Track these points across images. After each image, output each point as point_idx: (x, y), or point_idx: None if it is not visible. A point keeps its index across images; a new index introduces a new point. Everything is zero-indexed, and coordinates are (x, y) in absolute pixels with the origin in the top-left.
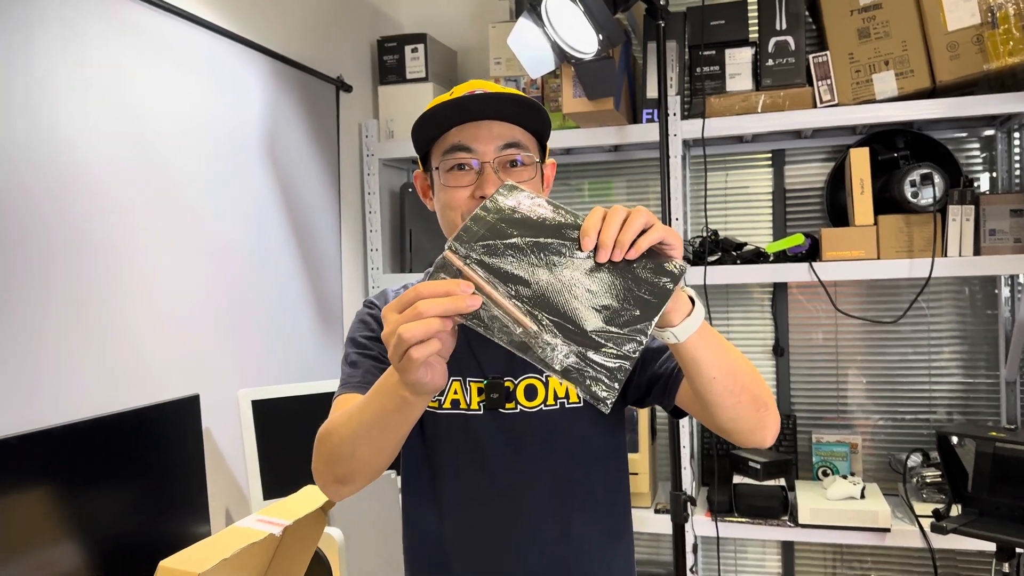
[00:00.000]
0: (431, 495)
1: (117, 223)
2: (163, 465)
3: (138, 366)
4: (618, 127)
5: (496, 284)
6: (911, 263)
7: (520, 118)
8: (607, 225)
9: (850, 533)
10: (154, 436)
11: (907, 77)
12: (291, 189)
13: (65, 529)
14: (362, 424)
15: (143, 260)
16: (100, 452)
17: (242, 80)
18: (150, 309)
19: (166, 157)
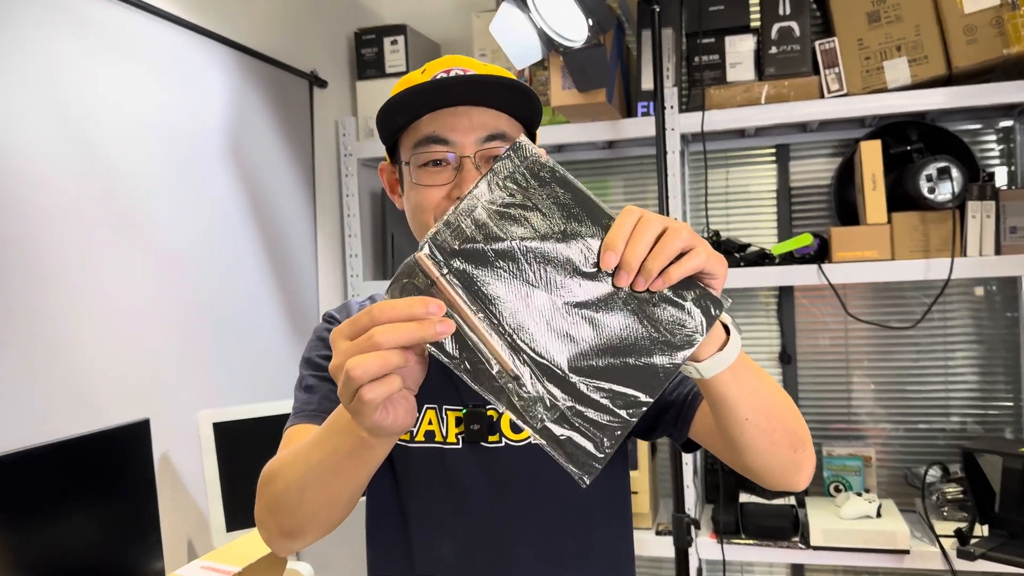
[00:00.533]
0: (400, 544)
1: (57, 231)
2: (110, 498)
3: (83, 390)
4: (612, 122)
5: (477, 306)
6: (928, 264)
7: (506, 104)
8: (636, 239)
9: (866, 556)
10: (100, 466)
11: (921, 64)
12: (260, 192)
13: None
14: (311, 468)
15: (88, 272)
16: (39, 485)
17: (204, 75)
18: (97, 326)
19: (115, 159)
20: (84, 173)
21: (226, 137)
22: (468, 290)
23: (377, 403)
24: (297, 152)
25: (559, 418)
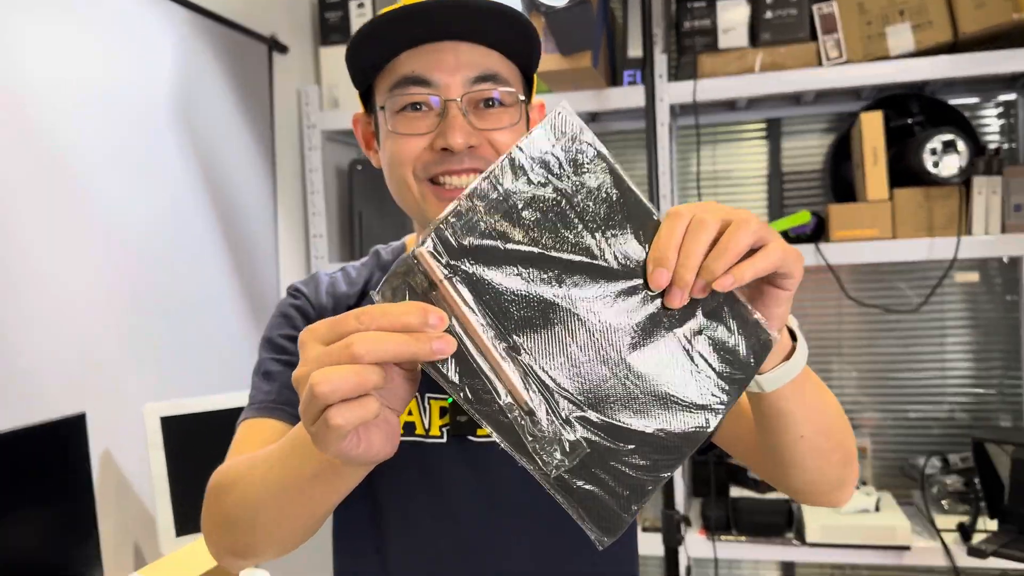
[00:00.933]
0: (372, 553)
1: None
2: (44, 498)
3: (17, 380)
4: (596, 91)
5: (488, 321)
6: (931, 243)
7: (501, 40)
8: (690, 246)
9: (864, 552)
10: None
11: (925, 29)
12: (214, 166)
13: None
14: (268, 486)
15: (22, 251)
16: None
17: (152, 37)
18: (33, 311)
19: (52, 128)
20: (17, 144)
21: (177, 106)
22: (478, 299)
23: (346, 430)
24: (255, 123)
25: (578, 466)
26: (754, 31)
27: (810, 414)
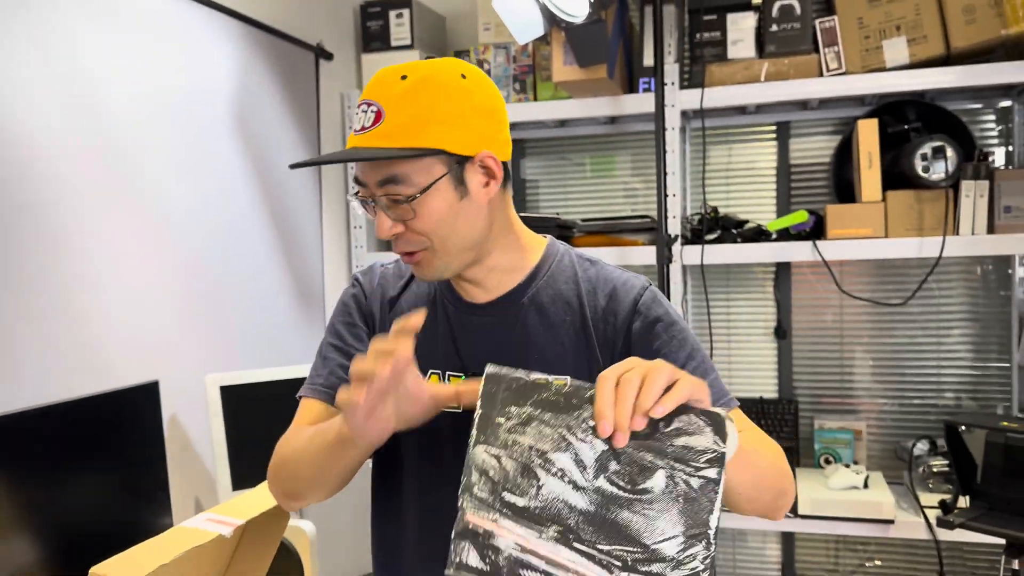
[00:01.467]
0: (398, 502)
1: (70, 199)
2: (121, 456)
3: (95, 351)
4: (613, 97)
5: (537, 529)
6: (921, 242)
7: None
8: (621, 398)
9: (852, 525)
10: (111, 425)
11: (919, 43)
12: (266, 163)
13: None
14: (305, 447)
15: (100, 238)
16: (52, 442)
17: (209, 47)
18: (108, 291)
19: (124, 129)
20: (95, 143)
21: (232, 109)
22: (524, 518)
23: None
24: (302, 124)
25: None
26: (760, 43)
27: (745, 478)
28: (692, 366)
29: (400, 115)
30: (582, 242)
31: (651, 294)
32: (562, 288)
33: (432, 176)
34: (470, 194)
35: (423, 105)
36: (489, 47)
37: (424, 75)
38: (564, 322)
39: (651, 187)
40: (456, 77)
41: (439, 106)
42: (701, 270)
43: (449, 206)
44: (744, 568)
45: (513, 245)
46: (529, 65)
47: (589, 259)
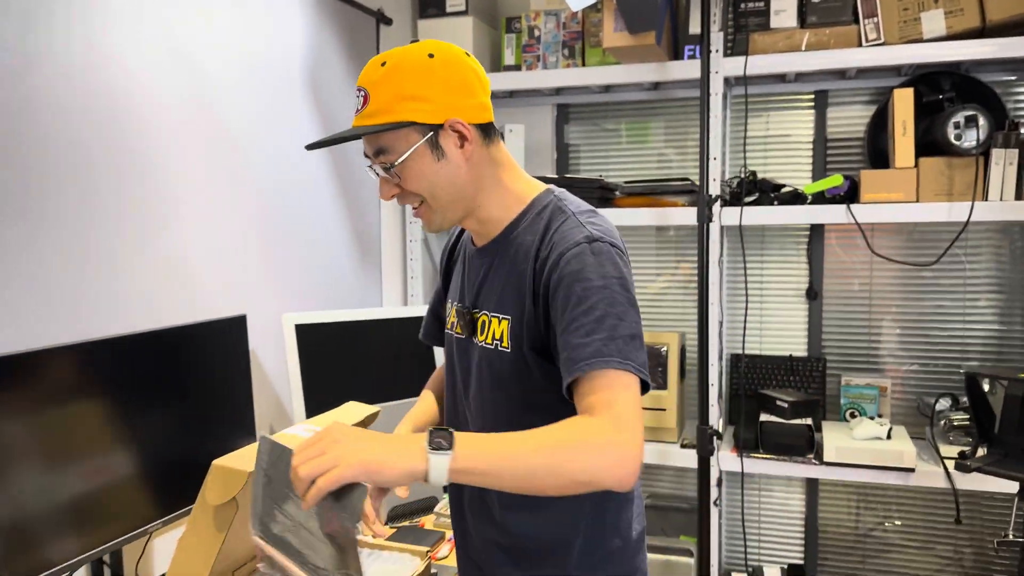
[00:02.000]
0: (441, 404)
1: (167, 149)
2: (212, 381)
3: (185, 285)
4: (659, 64)
5: (288, 554)
6: (950, 206)
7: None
8: (296, 483)
9: (874, 472)
10: (204, 352)
11: (956, 16)
12: (332, 122)
13: (118, 437)
14: None
15: (193, 183)
16: (151, 365)
17: (286, 12)
18: (197, 232)
19: (212, 86)
20: (188, 97)
21: (304, 70)
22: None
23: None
24: None
25: None
26: (802, 13)
27: (493, 481)
28: (580, 323)
29: (379, 97)
30: (624, 203)
31: (579, 250)
32: (527, 239)
33: (410, 144)
34: (447, 155)
35: (394, 86)
36: (540, 13)
37: (397, 60)
38: (522, 271)
39: (687, 153)
40: (423, 58)
41: (407, 85)
42: (740, 231)
43: (429, 167)
44: (768, 517)
45: (503, 198)
46: (578, 32)
47: (570, 212)
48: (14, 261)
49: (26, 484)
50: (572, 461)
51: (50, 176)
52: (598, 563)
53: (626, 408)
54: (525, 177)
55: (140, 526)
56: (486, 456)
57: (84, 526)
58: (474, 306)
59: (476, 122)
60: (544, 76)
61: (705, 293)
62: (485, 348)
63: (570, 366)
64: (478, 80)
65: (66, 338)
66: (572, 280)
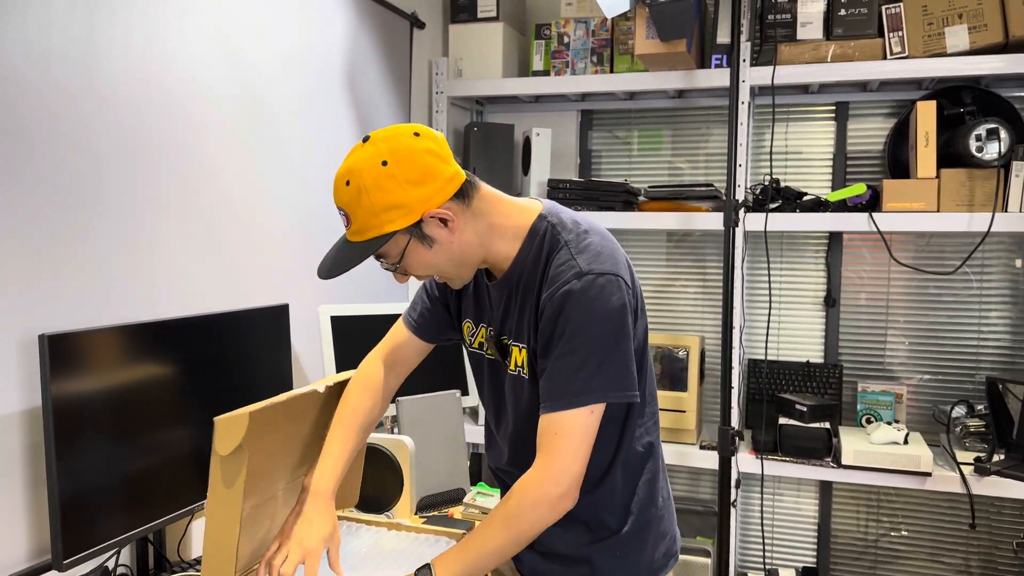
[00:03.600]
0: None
1: (216, 141)
2: (254, 367)
3: (229, 274)
4: (686, 72)
5: None
6: (971, 216)
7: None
8: None
9: (891, 476)
10: (249, 338)
11: (980, 31)
12: (368, 123)
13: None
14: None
15: (235, 176)
16: (197, 349)
17: (327, 12)
18: (242, 223)
19: (258, 80)
20: (239, 93)
21: (343, 70)
22: None
23: None
24: (398, 88)
25: None
26: (828, 25)
27: (482, 569)
28: (549, 368)
29: (358, 218)
30: (648, 207)
31: (563, 293)
32: (531, 270)
33: (400, 247)
34: (437, 240)
35: (366, 205)
36: (570, 21)
37: (358, 179)
38: (529, 303)
39: (708, 160)
40: (379, 168)
41: (376, 202)
42: (765, 237)
43: (426, 255)
44: (781, 520)
45: (503, 238)
46: (607, 39)
47: (563, 242)
48: (70, 244)
49: (80, 462)
50: (522, 527)
51: (108, 162)
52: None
53: (559, 455)
54: (515, 206)
55: (183, 507)
56: (464, 566)
57: (132, 506)
58: (501, 333)
59: (449, 197)
60: (572, 82)
61: (730, 298)
62: (512, 374)
63: (544, 401)
64: (435, 155)
65: (113, 320)
66: (552, 322)
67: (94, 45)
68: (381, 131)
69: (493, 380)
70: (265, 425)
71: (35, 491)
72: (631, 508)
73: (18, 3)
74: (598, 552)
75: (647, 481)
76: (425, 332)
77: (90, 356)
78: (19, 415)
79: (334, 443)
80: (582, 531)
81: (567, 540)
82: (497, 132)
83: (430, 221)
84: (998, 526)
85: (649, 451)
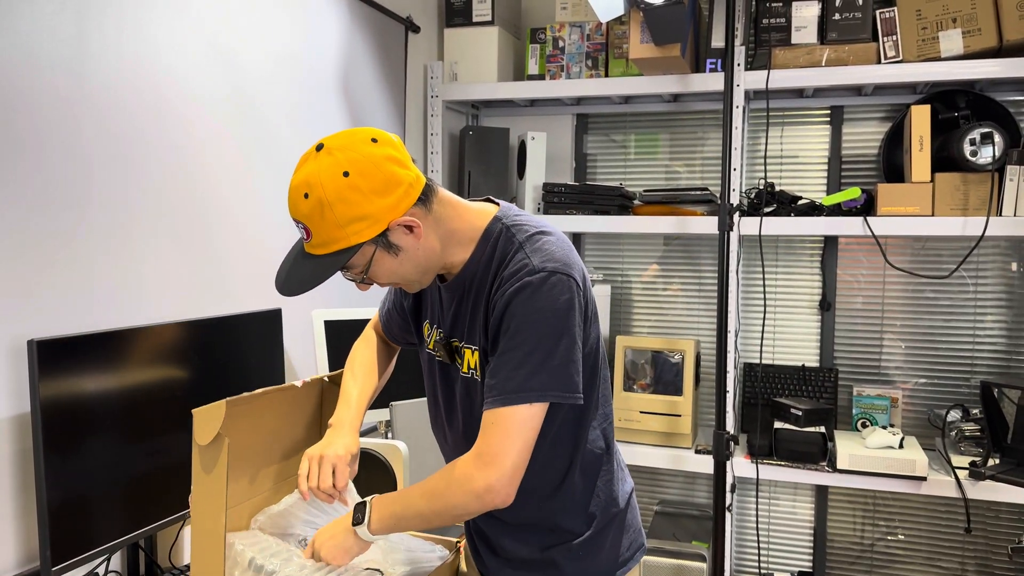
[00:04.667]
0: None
1: (207, 143)
2: (246, 371)
3: (222, 277)
4: (680, 76)
5: None
6: (965, 221)
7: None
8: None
9: (887, 480)
10: (241, 343)
11: (974, 36)
12: (359, 124)
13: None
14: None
15: (232, 179)
16: (189, 354)
17: (321, 15)
18: (233, 226)
19: (251, 83)
20: (231, 95)
21: (337, 74)
22: None
23: None
24: (392, 92)
25: None
26: (823, 30)
27: (404, 529)
28: (494, 364)
29: (321, 232)
30: (643, 211)
31: (514, 290)
32: (482, 272)
33: (366, 258)
34: (403, 247)
35: (329, 219)
36: (565, 25)
37: (319, 192)
38: (480, 304)
39: (703, 164)
40: (340, 180)
41: (340, 215)
42: (759, 241)
43: (391, 264)
44: (776, 524)
45: (459, 241)
46: (602, 43)
47: (517, 242)
48: (60, 249)
49: (68, 468)
50: (448, 503)
51: (99, 166)
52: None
53: (492, 443)
54: (471, 209)
55: (175, 513)
56: (393, 517)
57: (122, 511)
58: (451, 335)
59: (412, 203)
60: (567, 86)
61: (725, 301)
62: (464, 377)
63: (487, 395)
64: (396, 161)
65: (103, 325)
66: (499, 318)
67: (84, 47)
68: (334, 138)
69: (444, 382)
70: (243, 416)
71: (24, 497)
72: (591, 510)
73: (6, 5)
74: (562, 555)
75: (605, 482)
76: (393, 335)
77: (80, 361)
78: (8, 420)
79: (348, 387)
80: (545, 536)
81: (531, 546)
82: (492, 136)
83: (396, 229)
84: (993, 530)
85: (606, 451)
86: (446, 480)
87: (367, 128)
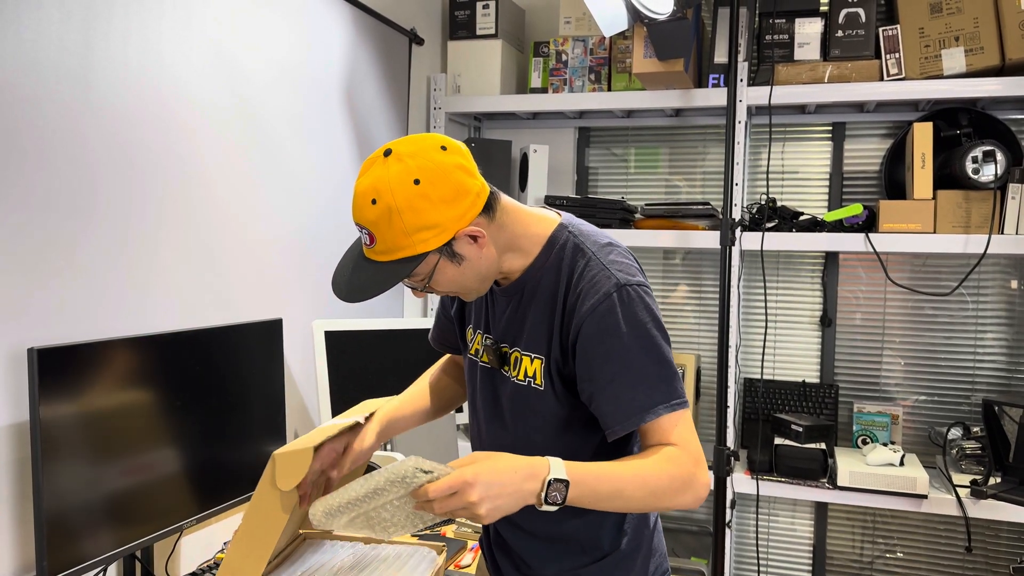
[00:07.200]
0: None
1: (210, 153)
2: (247, 382)
3: (223, 288)
4: (683, 90)
5: None
6: (967, 238)
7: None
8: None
9: (887, 498)
10: (241, 353)
11: (976, 54)
12: (364, 137)
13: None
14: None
15: (232, 190)
16: (189, 364)
17: (325, 27)
18: (236, 236)
19: (254, 93)
20: (234, 106)
21: (341, 85)
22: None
23: None
24: (395, 103)
25: None
26: (826, 47)
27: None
28: (623, 377)
29: (386, 238)
30: (645, 225)
31: (609, 304)
32: (551, 280)
33: (429, 266)
34: (467, 257)
35: (397, 226)
36: (568, 39)
37: (388, 199)
38: (549, 313)
39: (704, 179)
40: (411, 187)
41: (409, 223)
42: (761, 256)
43: (454, 272)
44: (775, 541)
45: (520, 248)
46: (605, 58)
47: (590, 253)
48: (61, 257)
49: (67, 478)
50: (668, 502)
51: (102, 175)
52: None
53: (694, 444)
54: (534, 216)
55: (172, 523)
56: (593, 495)
57: (119, 522)
58: (502, 341)
59: (479, 213)
60: (569, 99)
61: (726, 316)
62: (518, 384)
63: (623, 420)
64: (464, 170)
65: (104, 334)
66: (607, 335)
67: (89, 56)
68: (403, 144)
69: (486, 388)
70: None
71: (21, 507)
72: (624, 527)
73: (12, 13)
74: (592, 574)
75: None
76: (442, 345)
77: (80, 370)
78: (6, 429)
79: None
80: (577, 553)
81: (562, 563)
82: (495, 148)
83: (461, 239)
84: (994, 550)
85: None
86: (669, 477)
87: (435, 135)
